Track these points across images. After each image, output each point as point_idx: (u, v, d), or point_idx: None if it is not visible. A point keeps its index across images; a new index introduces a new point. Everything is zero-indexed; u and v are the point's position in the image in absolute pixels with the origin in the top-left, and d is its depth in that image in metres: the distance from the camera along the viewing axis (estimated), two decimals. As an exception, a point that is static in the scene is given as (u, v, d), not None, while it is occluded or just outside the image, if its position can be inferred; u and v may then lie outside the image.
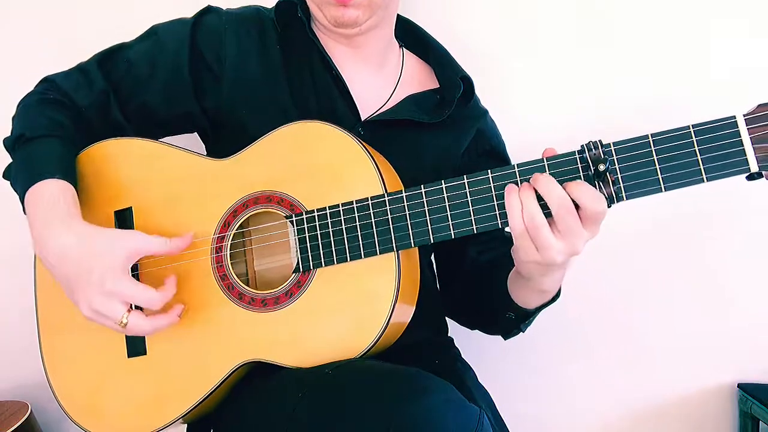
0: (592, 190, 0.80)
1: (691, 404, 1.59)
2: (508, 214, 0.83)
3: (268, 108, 1.06)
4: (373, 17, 1.07)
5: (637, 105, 1.47)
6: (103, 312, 0.89)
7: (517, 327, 1.08)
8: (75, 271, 0.90)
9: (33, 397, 1.48)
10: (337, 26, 1.07)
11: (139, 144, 1.06)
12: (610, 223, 1.42)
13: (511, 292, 1.01)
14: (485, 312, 1.15)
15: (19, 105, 1.07)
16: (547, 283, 0.92)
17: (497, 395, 1.12)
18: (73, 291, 0.91)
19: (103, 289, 0.88)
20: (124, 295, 0.89)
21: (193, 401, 0.96)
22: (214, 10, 1.12)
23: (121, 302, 0.89)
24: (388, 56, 1.19)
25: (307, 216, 0.93)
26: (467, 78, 1.16)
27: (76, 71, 1.09)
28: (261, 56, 1.09)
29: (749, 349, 1.56)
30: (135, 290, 0.90)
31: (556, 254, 0.83)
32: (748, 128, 0.76)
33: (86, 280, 0.89)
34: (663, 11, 1.46)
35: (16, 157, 1.02)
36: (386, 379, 0.81)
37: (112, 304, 0.89)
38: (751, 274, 1.54)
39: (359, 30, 1.08)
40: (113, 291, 0.88)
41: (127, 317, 0.89)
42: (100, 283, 0.88)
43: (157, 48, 1.09)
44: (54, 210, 0.93)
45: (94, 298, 0.89)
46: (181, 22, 1.11)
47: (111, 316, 0.89)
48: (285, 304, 0.93)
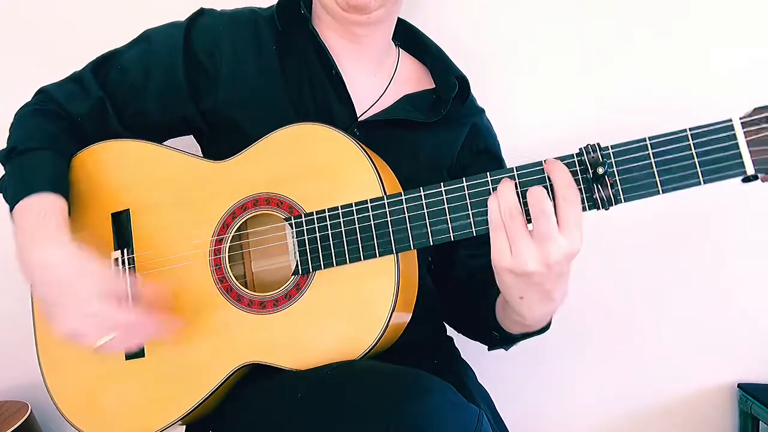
0: (570, 178, 0.80)
1: (691, 404, 1.60)
2: (488, 207, 0.83)
3: (265, 108, 1.06)
4: (384, 7, 1.06)
5: (635, 107, 1.47)
6: (79, 337, 0.88)
7: (500, 346, 1.09)
8: (60, 287, 0.89)
9: (33, 397, 1.49)
10: (347, 10, 1.06)
11: (135, 146, 1.06)
12: (611, 223, 1.45)
13: (497, 315, 1.01)
14: (472, 322, 1.16)
15: (15, 116, 1.08)
16: (527, 313, 0.89)
17: (497, 395, 1.12)
18: (52, 305, 0.90)
19: (83, 314, 0.87)
20: (108, 319, 0.88)
21: (191, 404, 0.96)
22: (208, 12, 1.12)
23: (100, 328, 0.88)
24: (385, 56, 1.19)
25: (306, 218, 0.93)
26: (462, 77, 1.16)
27: (71, 81, 1.10)
28: (256, 56, 1.09)
29: (749, 349, 1.57)
30: (118, 315, 0.89)
31: (529, 259, 0.80)
32: (744, 131, 0.76)
33: (65, 303, 0.88)
34: (662, 12, 1.46)
35: (8, 170, 1.02)
36: (386, 380, 0.81)
37: (90, 330, 0.88)
38: (752, 274, 1.54)
39: (368, 18, 1.07)
40: (98, 318, 0.87)
41: (102, 341, 0.88)
42: (79, 309, 0.87)
43: (151, 53, 1.08)
44: (42, 224, 0.92)
45: (72, 323, 0.88)
46: (174, 25, 1.11)
47: (86, 342, 0.88)
48: (284, 307, 0.93)
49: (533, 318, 0.90)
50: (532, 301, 0.86)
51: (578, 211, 0.80)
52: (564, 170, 0.81)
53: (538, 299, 0.86)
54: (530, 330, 0.97)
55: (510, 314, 0.94)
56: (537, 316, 0.90)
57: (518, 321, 0.93)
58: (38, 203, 0.94)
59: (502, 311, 0.98)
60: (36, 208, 0.94)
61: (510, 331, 1.00)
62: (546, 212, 0.79)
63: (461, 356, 1.23)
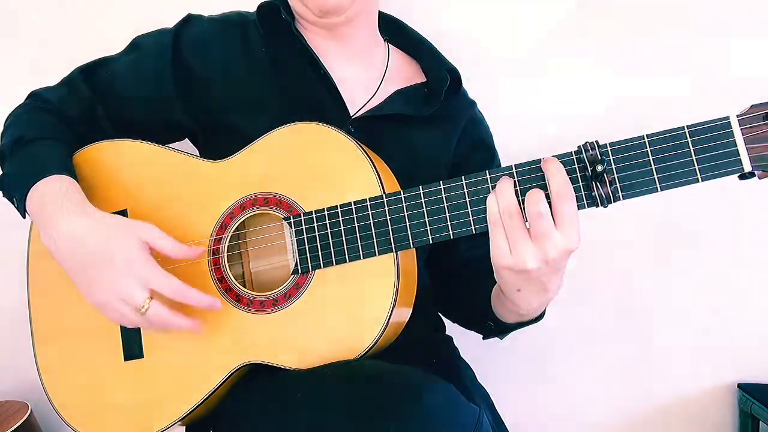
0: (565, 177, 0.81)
1: (691, 404, 1.60)
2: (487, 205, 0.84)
3: (258, 109, 1.07)
4: (357, 2, 1.07)
5: (634, 106, 1.47)
6: (125, 296, 0.87)
7: (495, 335, 1.10)
8: (92, 257, 0.89)
9: (33, 397, 1.48)
10: (322, 15, 1.07)
11: (133, 145, 1.06)
12: (611, 223, 1.45)
13: (492, 304, 1.02)
14: (467, 313, 1.17)
15: (9, 117, 1.08)
16: (523, 304, 0.91)
17: (496, 395, 1.12)
18: (89, 277, 0.90)
19: (131, 272, 0.87)
20: (152, 279, 0.88)
21: (191, 404, 0.96)
22: (195, 18, 1.13)
23: (145, 288, 0.88)
24: (374, 52, 1.19)
25: (305, 217, 0.93)
26: (453, 69, 1.16)
27: (61, 85, 1.11)
28: (246, 58, 1.09)
29: (749, 349, 1.57)
30: (163, 276, 0.88)
31: (528, 257, 0.81)
32: (741, 129, 0.76)
33: (107, 264, 0.88)
34: (660, 10, 1.46)
35: (15, 160, 1.01)
36: (386, 379, 0.81)
37: (136, 288, 0.87)
38: (752, 274, 1.54)
39: (345, 17, 1.08)
40: (142, 275, 0.87)
41: (149, 303, 0.88)
42: (126, 267, 0.87)
43: (140, 60, 1.09)
44: (66, 199, 0.92)
45: (117, 281, 0.87)
46: (163, 33, 1.12)
47: (133, 301, 0.87)
48: (283, 306, 0.93)
49: (529, 308, 0.92)
50: (528, 294, 0.88)
51: (574, 208, 0.81)
52: (560, 169, 0.81)
53: (534, 291, 0.88)
54: (525, 319, 0.98)
55: (506, 304, 0.95)
56: (533, 306, 0.92)
57: (514, 311, 0.95)
58: (59, 181, 0.95)
59: (498, 301, 0.99)
60: (56, 185, 0.94)
61: (505, 320, 1.01)
62: (542, 213, 0.80)
63: (460, 355, 1.23)
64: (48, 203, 0.93)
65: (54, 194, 0.93)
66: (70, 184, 0.95)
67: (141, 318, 0.89)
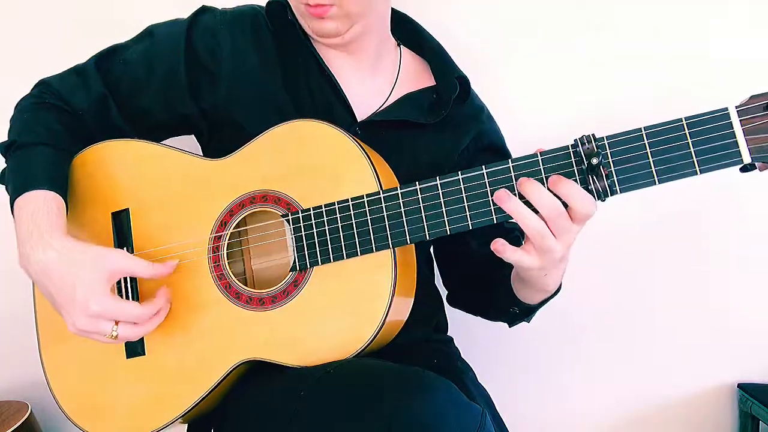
0: (583, 192, 0.81)
1: (691, 404, 1.59)
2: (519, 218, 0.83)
3: (266, 106, 1.06)
4: (355, 26, 1.06)
5: (632, 99, 1.47)
6: (91, 331, 0.90)
7: (521, 319, 1.11)
8: (57, 288, 0.90)
9: (33, 397, 1.49)
10: (320, 37, 1.08)
11: (135, 145, 1.06)
12: (611, 223, 1.45)
13: (514, 290, 1.03)
14: (488, 305, 1.17)
15: (16, 108, 1.07)
16: (551, 283, 0.95)
17: (497, 395, 1.11)
18: (58, 306, 0.91)
19: (89, 312, 0.88)
20: (110, 314, 0.90)
21: (192, 401, 0.96)
22: (210, 10, 1.12)
23: (107, 321, 0.90)
24: (384, 55, 1.17)
25: (303, 214, 0.93)
26: (463, 77, 1.15)
27: (73, 73, 1.09)
28: (257, 54, 1.09)
29: (749, 349, 1.57)
30: (120, 309, 0.90)
31: (556, 254, 0.84)
32: (740, 120, 0.76)
33: (70, 298, 0.89)
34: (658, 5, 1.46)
35: (9, 164, 1.02)
36: (388, 378, 0.81)
37: (98, 324, 0.89)
38: (752, 274, 1.54)
39: (343, 39, 1.07)
40: (99, 312, 0.89)
41: (116, 330, 0.90)
42: (84, 305, 0.88)
43: (154, 49, 1.08)
44: (35, 223, 0.92)
45: (78, 319, 0.89)
46: (177, 22, 1.11)
47: (99, 333, 0.90)
48: (282, 303, 0.93)
49: (555, 283, 0.96)
50: (553, 273, 0.92)
51: (573, 185, 0.81)
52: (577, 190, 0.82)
53: (557, 267, 0.91)
54: (549, 294, 1.01)
55: (533, 286, 0.98)
56: (557, 280, 0.96)
57: (542, 290, 0.98)
58: (33, 201, 0.94)
59: (521, 285, 1.01)
60: (30, 207, 0.94)
61: (529, 302, 1.03)
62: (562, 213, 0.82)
63: (461, 356, 1.23)
64: (21, 227, 0.93)
65: (26, 218, 0.93)
66: (45, 204, 0.94)
67: (117, 339, 0.91)
